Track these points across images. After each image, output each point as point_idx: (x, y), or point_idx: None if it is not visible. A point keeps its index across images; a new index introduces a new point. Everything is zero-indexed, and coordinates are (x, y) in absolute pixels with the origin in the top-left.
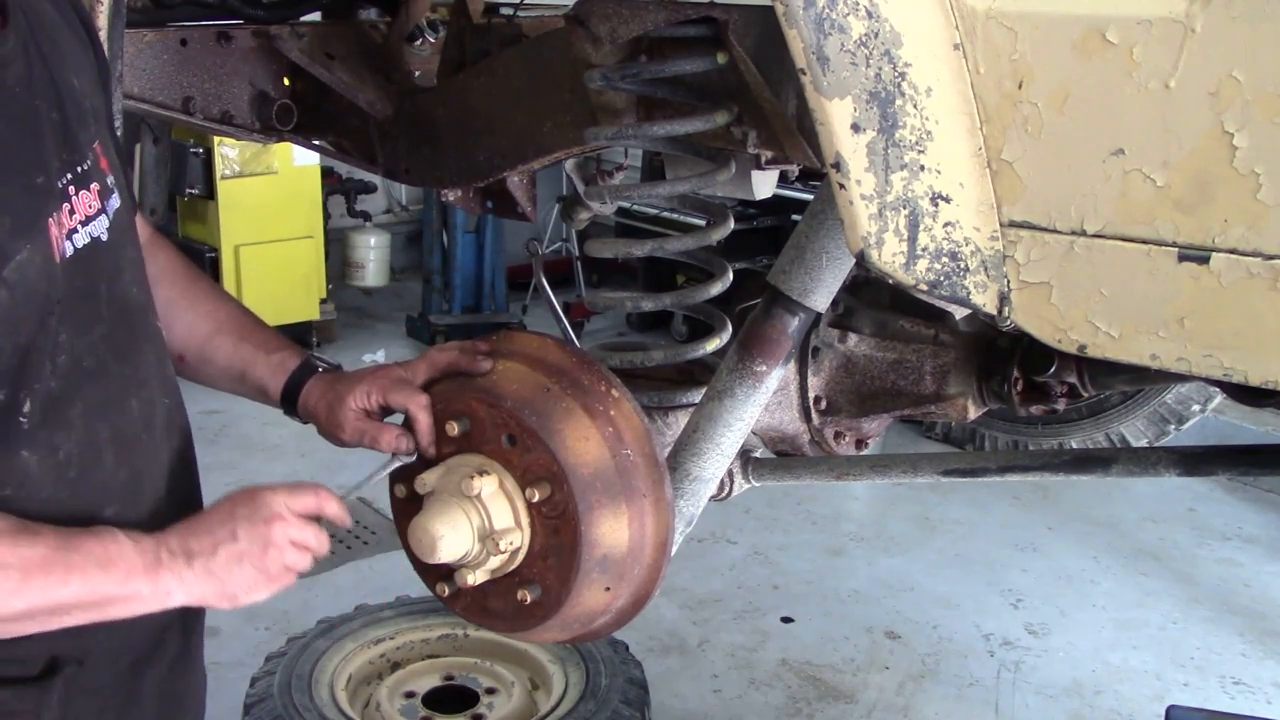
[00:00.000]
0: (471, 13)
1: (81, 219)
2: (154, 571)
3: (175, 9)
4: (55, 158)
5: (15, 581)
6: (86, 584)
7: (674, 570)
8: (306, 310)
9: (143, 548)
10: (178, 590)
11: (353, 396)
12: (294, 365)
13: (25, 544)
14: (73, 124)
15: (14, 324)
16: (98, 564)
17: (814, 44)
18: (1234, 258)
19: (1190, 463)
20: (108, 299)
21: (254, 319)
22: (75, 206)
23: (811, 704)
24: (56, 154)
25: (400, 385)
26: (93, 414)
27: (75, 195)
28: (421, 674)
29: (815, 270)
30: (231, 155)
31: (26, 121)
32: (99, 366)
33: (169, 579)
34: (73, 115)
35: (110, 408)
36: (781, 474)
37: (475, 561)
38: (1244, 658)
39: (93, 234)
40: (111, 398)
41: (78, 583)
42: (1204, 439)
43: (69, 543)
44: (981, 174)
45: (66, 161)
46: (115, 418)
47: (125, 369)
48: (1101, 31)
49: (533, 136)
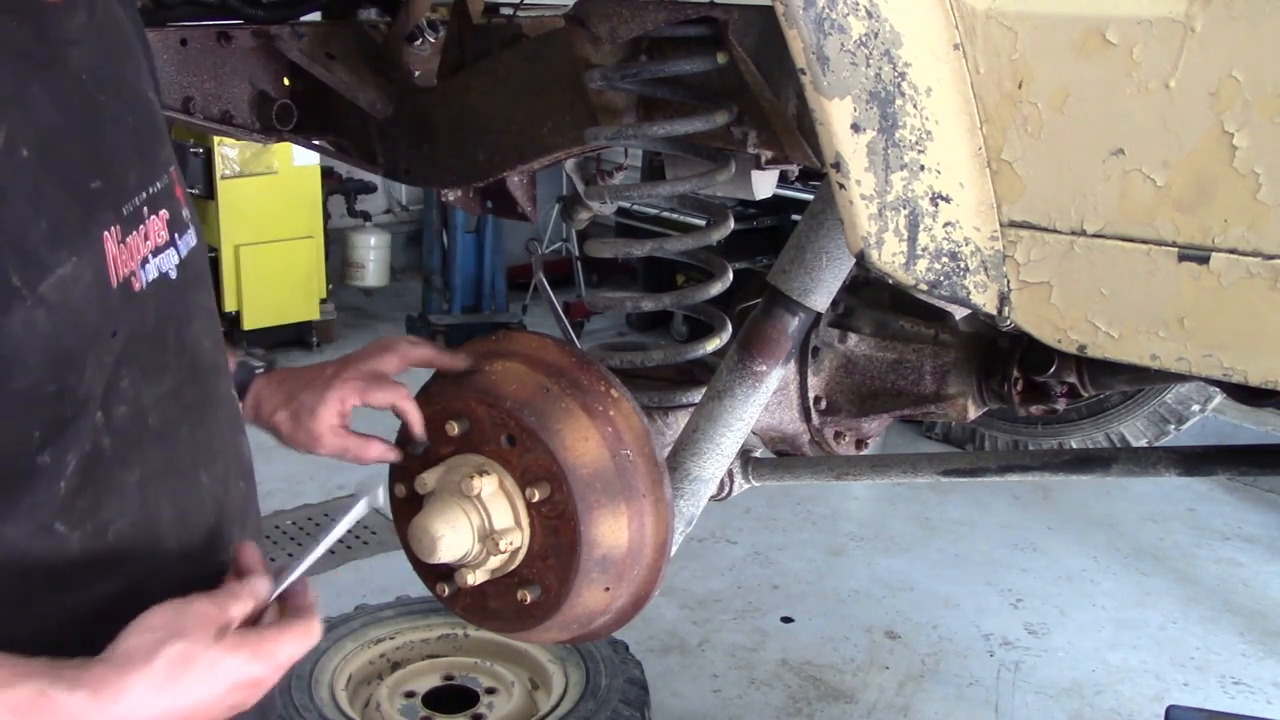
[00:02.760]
0: (471, 13)
1: (153, 248)
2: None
3: (175, 9)
4: (128, 168)
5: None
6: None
7: (674, 570)
8: (306, 310)
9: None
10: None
11: (325, 408)
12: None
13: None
14: (147, 136)
15: (57, 356)
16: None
17: (814, 44)
18: (1234, 258)
19: (1190, 463)
20: (177, 348)
21: None
22: (148, 231)
23: (811, 704)
24: (128, 164)
25: (377, 383)
26: (153, 484)
27: (147, 219)
28: (421, 674)
29: (815, 270)
30: (231, 155)
31: (87, 114)
32: (166, 427)
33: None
34: (147, 126)
35: (176, 479)
36: (781, 474)
37: (475, 561)
38: (1244, 657)
39: (161, 268)
40: (178, 468)
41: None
42: (1204, 439)
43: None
44: (981, 174)
45: (138, 177)
46: (181, 493)
47: (198, 434)
48: (1101, 31)
49: (533, 136)
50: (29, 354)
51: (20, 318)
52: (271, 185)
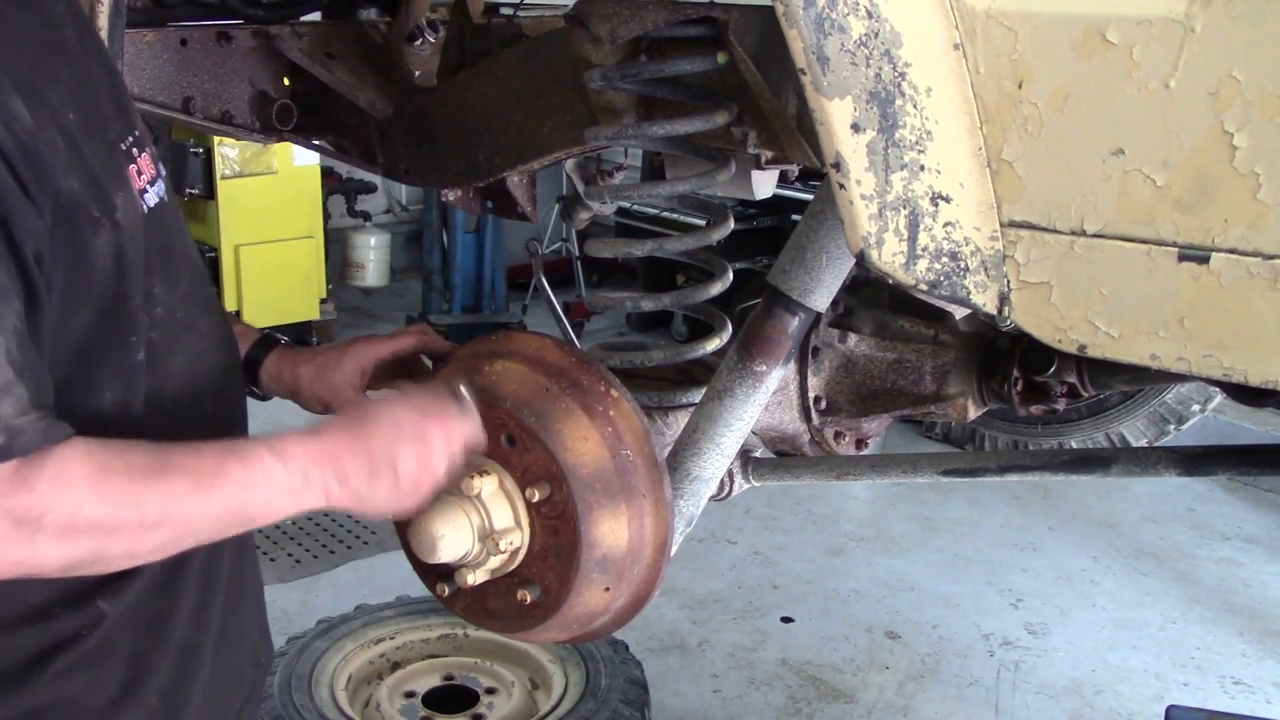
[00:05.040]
0: (471, 13)
1: (149, 179)
2: (298, 494)
3: (175, 9)
4: (115, 119)
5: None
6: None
7: (674, 570)
8: (306, 310)
9: (291, 468)
10: (320, 504)
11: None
12: (255, 336)
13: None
14: (120, 90)
15: (122, 267)
16: (241, 488)
17: (814, 44)
18: (1234, 258)
19: (1190, 463)
20: (182, 257)
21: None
22: (141, 167)
23: (811, 704)
24: (116, 115)
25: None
26: (191, 366)
27: (138, 156)
28: (421, 674)
29: (815, 270)
30: (231, 155)
31: (90, 84)
32: (190, 321)
33: (312, 498)
34: (118, 81)
35: (205, 361)
36: (781, 474)
37: (475, 561)
38: (1244, 658)
39: (159, 194)
40: (204, 352)
41: (219, 507)
42: (1204, 439)
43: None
44: (981, 174)
45: (124, 124)
46: (210, 370)
47: (211, 324)
48: (1101, 31)
49: (533, 136)
50: (107, 264)
51: (104, 239)
52: (271, 185)
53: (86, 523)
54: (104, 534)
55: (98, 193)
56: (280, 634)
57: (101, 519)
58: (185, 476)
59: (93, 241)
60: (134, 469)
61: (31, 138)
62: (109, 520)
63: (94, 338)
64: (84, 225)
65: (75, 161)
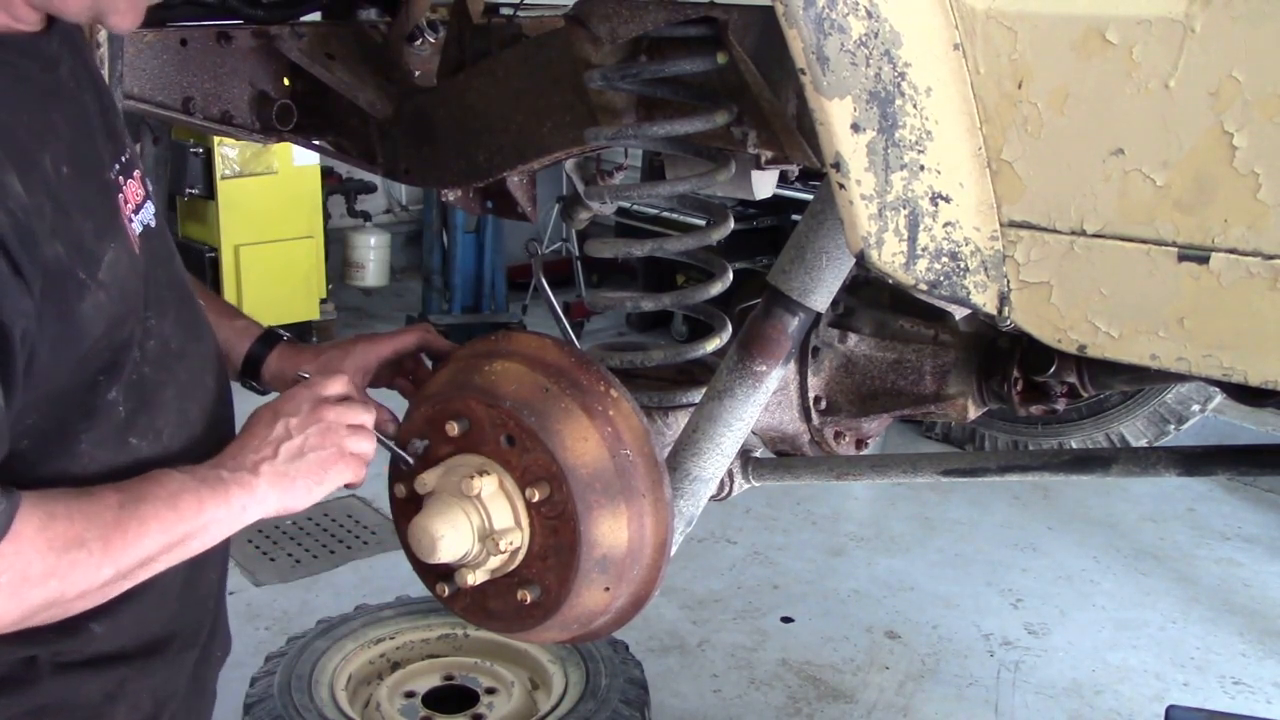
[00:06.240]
0: (471, 13)
1: (134, 207)
2: (222, 493)
3: (175, 9)
4: (106, 149)
5: (99, 553)
6: (164, 529)
7: (674, 570)
8: (306, 310)
9: (201, 475)
10: (251, 503)
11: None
12: (258, 332)
13: (94, 513)
14: (111, 113)
15: (111, 320)
16: (166, 506)
17: (814, 44)
18: (1234, 257)
19: (1190, 463)
20: (168, 282)
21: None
22: (127, 195)
23: (811, 704)
24: (106, 145)
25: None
26: (184, 395)
27: (125, 184)
28: (421, 674)
29: (815, 270)
30: (231, 155)
31: (84, 119)
32: (180, 348)
33: (239, 495)
34: (109, 104)
35: (196, 387)
36: (781, 474)
37: (475, 561)
38: (1244, 657)
39: (145, 221)
40: (195, 377)
41: (155, 531)
42: (1204, 439)
43: (133, 495)
44: (981, 174)
45: (113, 152)
46: (201, 396)
47: (200, 348)
48: (1101, 31)
49: (533, 136)
50: (95, 326)
51: (89, 302)
52: (271, 185)
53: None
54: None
55: (82, 255)
56: (280, 634)
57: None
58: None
59: (78, 305)
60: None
61: (26, 214)
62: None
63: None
64: (70, 290)
65: (61, 226)
